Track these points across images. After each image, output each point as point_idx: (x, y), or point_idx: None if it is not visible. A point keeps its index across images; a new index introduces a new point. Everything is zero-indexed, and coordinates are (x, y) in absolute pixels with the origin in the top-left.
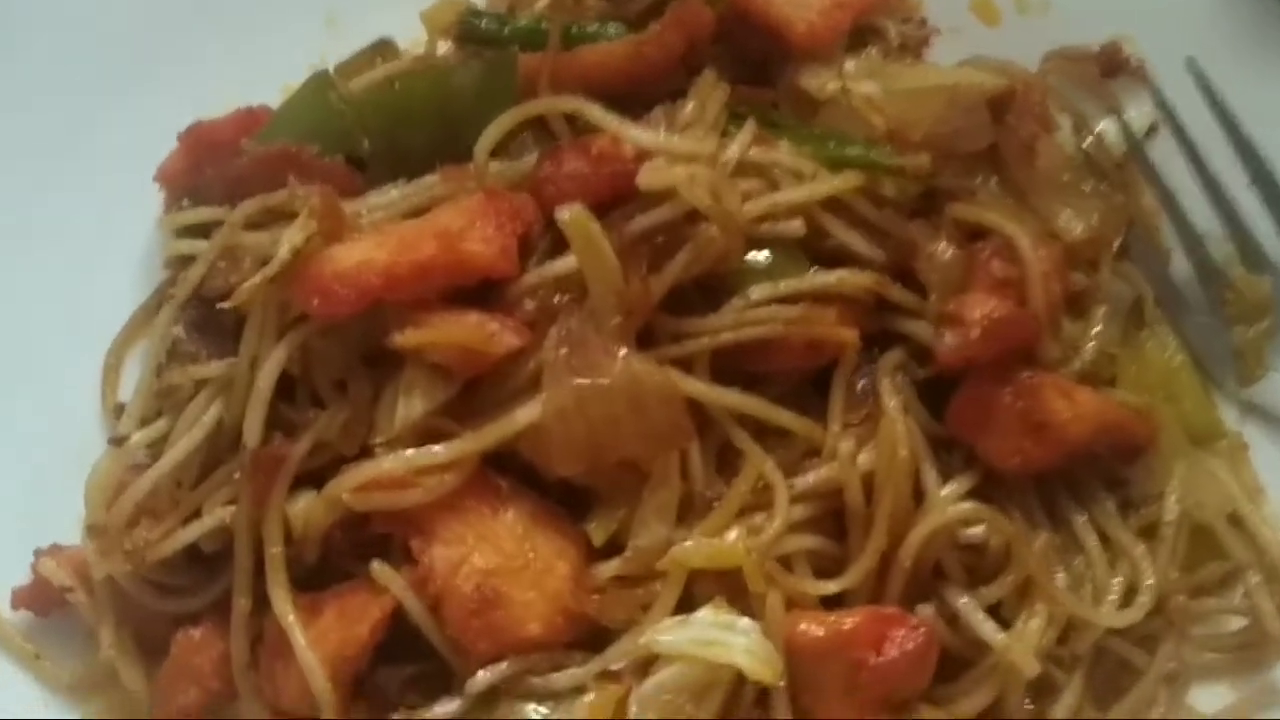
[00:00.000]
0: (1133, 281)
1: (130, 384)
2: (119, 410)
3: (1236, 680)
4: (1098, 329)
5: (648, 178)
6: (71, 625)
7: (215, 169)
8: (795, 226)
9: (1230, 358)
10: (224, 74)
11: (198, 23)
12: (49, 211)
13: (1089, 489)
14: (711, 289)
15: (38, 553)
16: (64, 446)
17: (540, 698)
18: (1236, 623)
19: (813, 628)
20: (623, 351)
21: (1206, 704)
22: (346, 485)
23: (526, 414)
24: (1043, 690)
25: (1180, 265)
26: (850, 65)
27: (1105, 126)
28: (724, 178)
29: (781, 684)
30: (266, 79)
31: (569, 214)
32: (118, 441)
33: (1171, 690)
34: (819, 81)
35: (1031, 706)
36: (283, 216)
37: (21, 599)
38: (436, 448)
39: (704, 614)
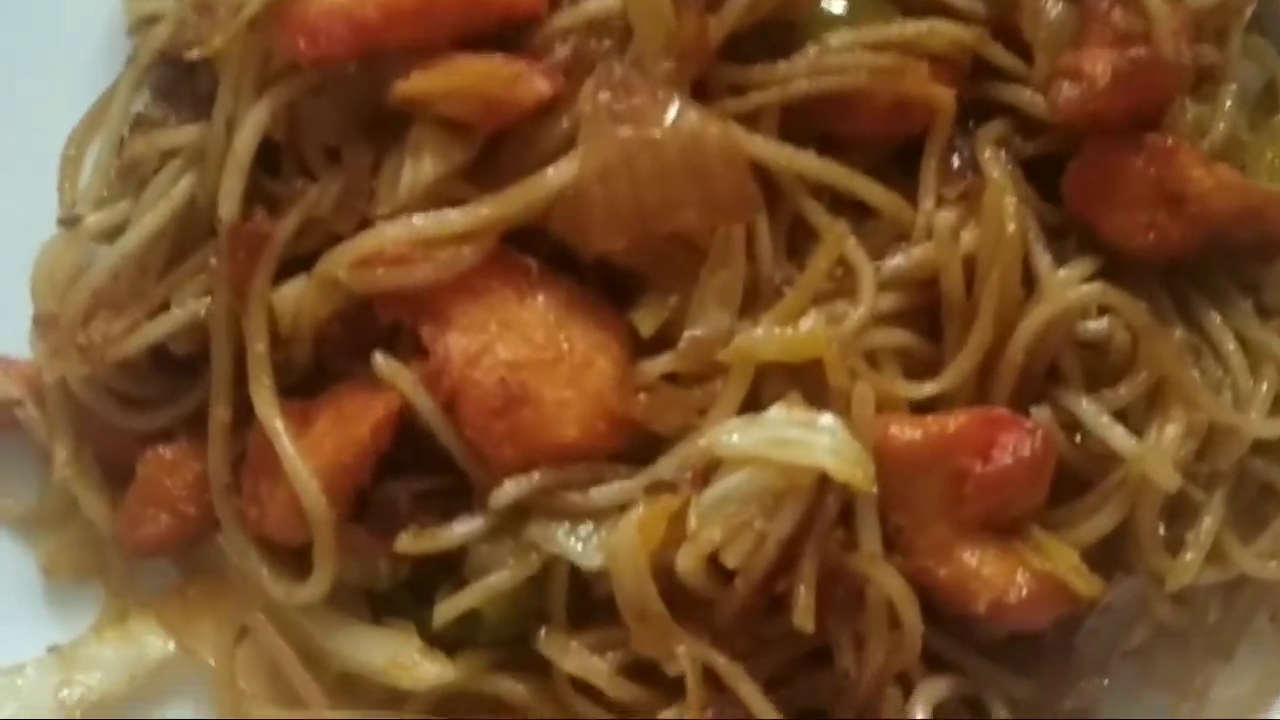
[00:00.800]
0: (1265, 60)
1: None
2: None
3: None
4: (1227, 108)
5: None
6: (22, 450)
7: None
8: None
9: None
10: None
11: None
12: None
13: (1221, 288)
14: (779, 39)
15: None
16: (15, 252)
17: (577, 517)
18: None
19: (907, 430)
20: (675, 101)
21: None
22: (343, 260)
23: (560, 173)
24: (1178, 513)
25: None
26: None
27: None
28: None
29: (873, 491)
30: None
31: None
32: (70, 223)
33: None
34: None
35: (1165, 533)
36: None
37: None
38: (451, 213)
39: (776, 412)
